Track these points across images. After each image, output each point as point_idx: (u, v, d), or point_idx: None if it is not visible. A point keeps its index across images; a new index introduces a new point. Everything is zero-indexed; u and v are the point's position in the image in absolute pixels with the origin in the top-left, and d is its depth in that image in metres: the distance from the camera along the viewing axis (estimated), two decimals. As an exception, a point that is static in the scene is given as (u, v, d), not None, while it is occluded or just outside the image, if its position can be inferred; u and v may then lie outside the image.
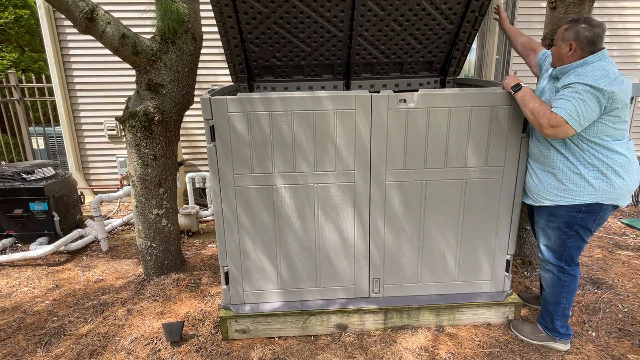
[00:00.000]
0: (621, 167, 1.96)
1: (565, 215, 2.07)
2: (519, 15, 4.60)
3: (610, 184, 1.97)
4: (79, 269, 3.34)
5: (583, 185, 1.99)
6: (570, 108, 1.84)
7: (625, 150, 1.96)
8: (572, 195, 2.02)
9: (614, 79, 1.84)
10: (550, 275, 2.22)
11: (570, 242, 2.11)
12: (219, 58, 4.66)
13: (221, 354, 2.30)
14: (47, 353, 2.33)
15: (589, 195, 2.00)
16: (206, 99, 2.08)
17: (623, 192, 1.99)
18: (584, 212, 2.04)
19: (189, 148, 4.91)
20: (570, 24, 1.96)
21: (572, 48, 1.94)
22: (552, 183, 2.07)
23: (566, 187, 2.03)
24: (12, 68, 7.00)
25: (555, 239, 2.14)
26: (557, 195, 2.06)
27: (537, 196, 2.15)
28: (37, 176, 3.75)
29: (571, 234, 2.09)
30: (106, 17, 2.57)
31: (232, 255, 2.34)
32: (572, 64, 1.95)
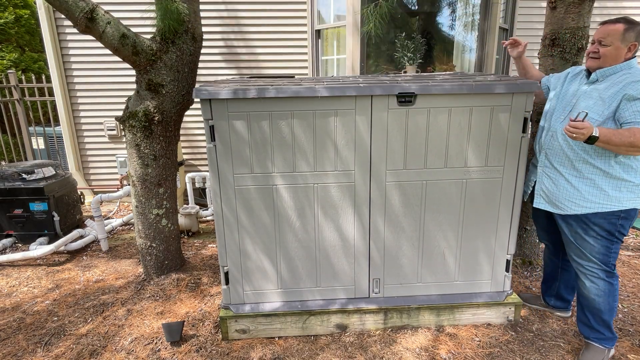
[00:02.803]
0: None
1: (604, 222, 2.02)
2: (519, 15, 4.60)
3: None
4: (79, 269, 3.34)
5: (624, 192, 1.96)
6: None
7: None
8: (613, 202, 1.97)
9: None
10: (602, 283, 2.11)
11: (613, 248, 2.06)
12: (219, 58, 4.66)
13: (221, 354, 2.30)
14: (47, 353, 2.33)
15: (629, 202, 1.97)
16: (206, 99, 2.08)
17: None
18: (623, 218, 2.00)
19: (189, 148, 4.91)
20: (629, 25, 1.90)
21: (632, 49, 1.91)
22: (592, 190, 2.01)
23: (607, 194, 1.98)
24: (12, 68, 7.00)
25: (600, 247, 2.07)
26: (597, 203, 2.00)
27: (570, 204, 2.07)
28: (37, 176, 3.75)
29: (614, 240, 2.05)
30: (106, 17, 2.57)
31: (232, 255, 2.34)
32: (617, 66, 1.93)
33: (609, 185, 1.98)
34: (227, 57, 4.67)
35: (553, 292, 2.59)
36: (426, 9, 4.63)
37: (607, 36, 1.92)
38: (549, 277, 2.57)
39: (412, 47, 4.10)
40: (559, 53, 2.87)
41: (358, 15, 4.09)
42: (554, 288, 2.57)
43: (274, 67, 4.70)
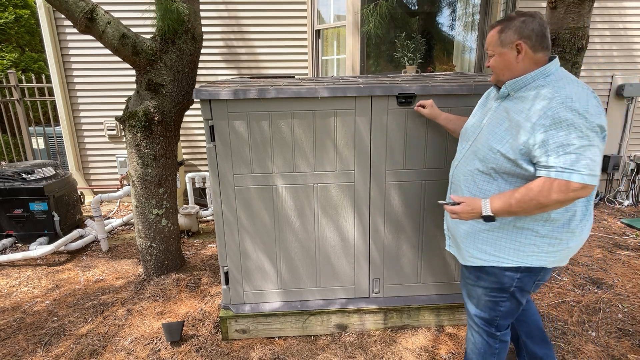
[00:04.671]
0: None
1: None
2: (519, 15, 4.60)
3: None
4: (79, 269, 3.34)
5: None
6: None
7: None
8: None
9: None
10: (479, 339, 1.77)
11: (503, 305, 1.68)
12: (219, 58, 4.66)
13: (221, 354, 2.30)
14: (47, 353, 2.33)
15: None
16: (206, 99, 2.08)
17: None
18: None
19: (189, 148, 4.91)
20: (504, 24, 1.49)
21: (520, 49, 1.46)
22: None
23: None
24: (12, 68, 7.00)
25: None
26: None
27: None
28: (37, 176, 3.75)
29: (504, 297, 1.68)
30: (106, 17, 2.57)
31: (232, 255, 2.34)
32: (528, 76, 1.46)
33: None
34: (227, 57, 4.67)
35: (522, 352, 2.01)
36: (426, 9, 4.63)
37: (489, 45, 1.55)
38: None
39: (412, 47, 4.10)
40: (558, 53, 2.87)
41: (358, 15, 4.09)
42: (520, 346, 2.01)
43: (274, 67, 4.70)
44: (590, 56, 4.71)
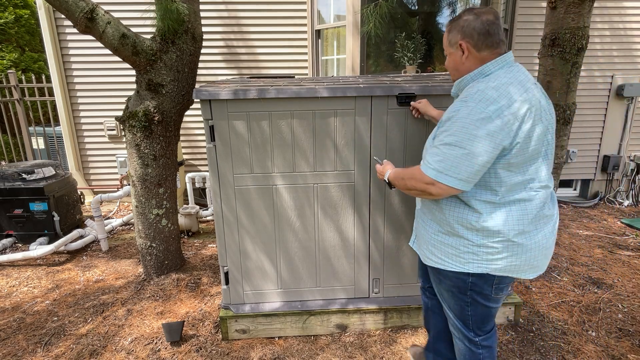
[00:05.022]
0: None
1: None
2: (519, 15, 4.60)
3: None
4: (79, 269, 3.34)
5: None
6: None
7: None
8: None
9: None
10: (462, 346, 1.72)
11: (471, 309, 1.63)
12: (219, 58, 4.66)
13: (221, 354, 2.30)
14: (47, 353, 2.33)
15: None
16: (206, 99, 2.08)
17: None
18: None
19: (189, 148, 4.91)
20: (451, 24, 1.48)
21: (464, 49, 1.44)
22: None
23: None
24: (12, 68, 7.00)
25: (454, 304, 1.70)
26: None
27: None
28: (37, 176, 3.75)
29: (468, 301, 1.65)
30: (106, 17, 2.57)
31: (232, 255, 2.34)
32: (468, 75, 1.46)
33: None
34: (227, 57, 4.67)
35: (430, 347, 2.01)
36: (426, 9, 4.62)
37: (444, 46, 1.55)
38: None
39: (412, 47, 4.10)
40: (559, 53, 2.87)
41: (358, 15, 4.09)
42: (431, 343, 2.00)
43: (274, 67, 4.70)
44: (590, 56, 4.71)
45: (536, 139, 1.35)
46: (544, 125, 1.36)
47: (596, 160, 5.12)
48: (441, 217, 1.52)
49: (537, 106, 1.34)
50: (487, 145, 1.29)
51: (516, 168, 1.36)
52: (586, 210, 4.79)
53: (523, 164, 1.36)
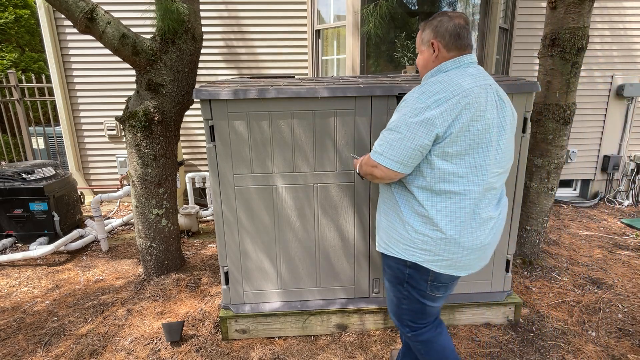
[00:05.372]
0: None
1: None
2: (519, 15, 4.60)
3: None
4: (79, 269, 3.34)
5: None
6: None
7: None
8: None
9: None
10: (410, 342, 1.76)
11: (405, 303, 1.69)
12: (219, 58, 4.66)
13: (221, 354, 2.30)
14: (47, 353, 2.33)
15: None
16: (206, 99, 2.08)
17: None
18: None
19: (189, 148, 4.91)
20: (426, 23, 1.56)
21: (435, 48, 1.51)
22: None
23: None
24: (12, 68, 7.00)
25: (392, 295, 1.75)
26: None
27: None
28: (37, 176, 3.75)
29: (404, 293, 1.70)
30: (106, 17, 2.57)
31: (232, 255, 2.34)
32: (429, 73, 1.54)
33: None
34: (227, 57, 4.67)
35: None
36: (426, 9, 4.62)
37: (417, 44, 1.62)
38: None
39: (412, 47, 4.10)
40: (559, 53, 2.87)
41: (358, 15, 4.09)
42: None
43: (274, 67, 4.70)
44: (590, 56, 4.71)
45: (475, 134, 1.40)
46: (485, 123, 1.41)
47: (596, 160, 5.12)
48: (393, 203, 1.59)
49: (480, 103, 1.40)
50: (420, 131, 1.38)
51: (452, 158, 1.42)
52: (586, 210, 4.79)
53: (459, 156, 1.42)
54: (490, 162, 1.46)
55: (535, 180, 3.15)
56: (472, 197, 1.45)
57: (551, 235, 3.96)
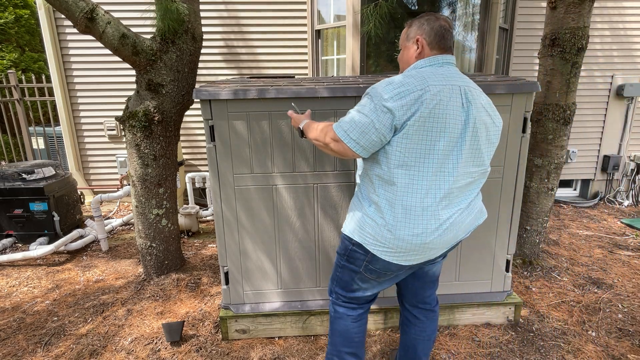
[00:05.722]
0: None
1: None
2: (519, 15, 4.60)
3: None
4: (79, 269, 3.34)
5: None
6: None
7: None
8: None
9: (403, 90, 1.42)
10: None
11: (339, 272, 1.79)
12: (219, 58, 4.66)
13: (221, 354, 2.30)
14: (47, 353, 2.33)
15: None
16: (206, 99, 2.08)
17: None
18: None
19: (189, 148, 4.91)
20: (413, 20, 1.62)
21: (419, 44, 1.56)
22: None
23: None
24: (12, 68, 7.00)
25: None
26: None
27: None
28: (37, 176, 3.75)
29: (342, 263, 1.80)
30: (106, 17, 2.57)
31: (232, 255, 2.34)
32: (407, 69, 1.58)
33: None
34: (227, 57, 4.67)
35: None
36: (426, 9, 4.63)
37: (401, 40, 1.67)
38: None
39: (412, 47, 4.09)
40: (559, 53, 2.87)
41: (358, 15, 4.09)
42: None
43: (274, 67, 4.70)
44: (590, 56, 4.71)
45: (431, 131, 1.42)
46: (444, 122, 1.42)
47: (596, 160, 5.12)
48: (358, 189, 1.68)
49: (441, 102, 1.41)
50: (383, 120, 1.42)
51: (405, 152, 1.45)
52: (586, 210, 4.79)
53: (412, 150, 1.44)
54: (448, 162, 1.46)
55: (535, 180, 3.15)
56: (420, 192, 1.47)
57: (551, 235, 3.96)
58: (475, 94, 1.50)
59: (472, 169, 1.53)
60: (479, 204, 1.63)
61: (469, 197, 1.57)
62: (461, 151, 1.47)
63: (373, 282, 1.70)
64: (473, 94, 1.49)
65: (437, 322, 1.90)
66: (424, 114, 1.39)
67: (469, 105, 1.47)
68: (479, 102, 1.50)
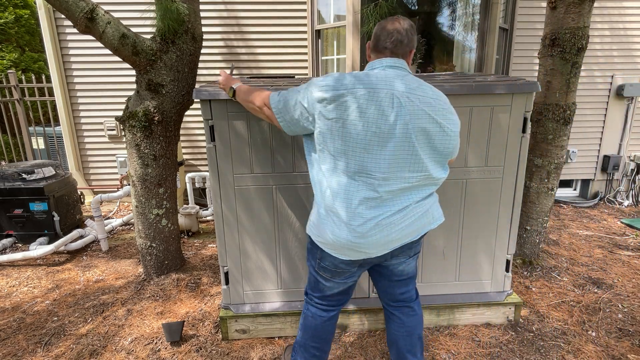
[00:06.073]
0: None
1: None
2: (519, 15, 4.60)
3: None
4: (79, 269, 3.34)
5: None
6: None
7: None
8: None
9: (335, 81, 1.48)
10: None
11: (310, 271, 1.86)
12: (219, 58, 4.66)
13: (221, 354, 2.30)
14: (47, 353, 2.33)
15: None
16: (206, 99, 2.08)
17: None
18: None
19: (189, 148, 4.91)
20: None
21: (367, 48, 1.67)
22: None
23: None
24: (12, 68, 7.00)
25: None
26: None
27: None
28: (37, 176, 3.75)
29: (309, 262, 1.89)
30: (106, 17, 2.57)
31: (232, 255, 2.34)
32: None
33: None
34: (227, 57, 4.67)
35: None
36: (426, 9, 4.63)
37: None
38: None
39: (412, 47, 4.09)
40: (559, 53, 2.87)
41: (358, 15, 4.09)
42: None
43: (274, 67, 4.70)
44: (590, 56, 4.71)
45: (349, 133, 1.45)
46: (366, 124, 1.44)
47: (596, 160, 5.12)
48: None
49: (362, 106, 1.44)
50: (305, 103, 1.51)
51: (326, 150, 1.50)
52: (586, 210, 4.79)
53: (332, 149, 1.49)
54: (368, 164, 1.47)
55: (535, 180, 3.15)
56: (340, 192, 1.51)
57: (551, 235, 3.96)
58: (415, 100, 1.47)
59: (407, 174, 1.51)
60: (425, 209, 1.60)
61: (406, 201, 1.55)
62: (385, 155, 1.47)
63: (332, 281, 1.74)
64: (412, 99, 1.46)
65: (419, 319, 1.89)
66: (343, 115, 1.44)
67: (400, 110, 1.45)
68: (420, 108, 1.47)
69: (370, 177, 1.49)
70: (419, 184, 1.56)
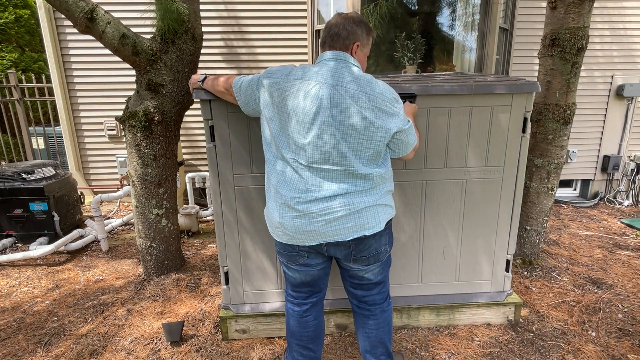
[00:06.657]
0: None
1: None
2: (519, 15, 4.60)
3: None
4: (79, 269, 3.34)
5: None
6: None
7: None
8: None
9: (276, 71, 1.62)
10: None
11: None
12: (219, 58, 4.66)
13: (221, 354, 2.30)
14: (47, 353, 2.33)
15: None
16: (206, 99, 2.08)
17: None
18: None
19: (189, 148, 4.91)
20: None
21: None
22: None
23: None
24: (12, 68, 7.00)
25: None
26: None
27: None
28: (37, 176, 3.75)
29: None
30: (106, 17, 2.57)
31: (232, 255, 2.34)
32: None
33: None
34: (227, 57, 4.67)
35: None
36: (426, 9, 4.63)
37: None
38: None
39: (412, 47, 4.10)
40: (559, 53, 2.87)
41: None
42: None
43: (274, 67, 4.70)
44: (590, 56, 4.71)
45: (277, 120, 1.57)
46: (293, 110, 1.53)
47: (596, 160, 5.12)
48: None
49: (292, 91, 1.53)
50: (255, 86, 1.68)
51: (264, 134, 1.67)
52: (586, 210, 4.79)
53: (266, 134, 1.64)
54: (288, 153, 1.58)
55: (535, 180, 3.15)
56: (270, 175, 1.66)
57: (551, 235, 3.96)
58: (344, 93, 1.49)
59: (330, 167, 1.54)
60: (356, 209, 1.58)
61: (326, 193, 1.56)
62: (303, 146, 1.54)
63: (291, 268, 1.81)
64: (340, 92, 1.49)
65: (379, 324, 1.88)
66: (276, 101, 1.56)
67: (325, 103, 1.49)
68: (348, 102, 1.49)
69: (291, 164, 1.58)
70: (342, 176, 1.56)
